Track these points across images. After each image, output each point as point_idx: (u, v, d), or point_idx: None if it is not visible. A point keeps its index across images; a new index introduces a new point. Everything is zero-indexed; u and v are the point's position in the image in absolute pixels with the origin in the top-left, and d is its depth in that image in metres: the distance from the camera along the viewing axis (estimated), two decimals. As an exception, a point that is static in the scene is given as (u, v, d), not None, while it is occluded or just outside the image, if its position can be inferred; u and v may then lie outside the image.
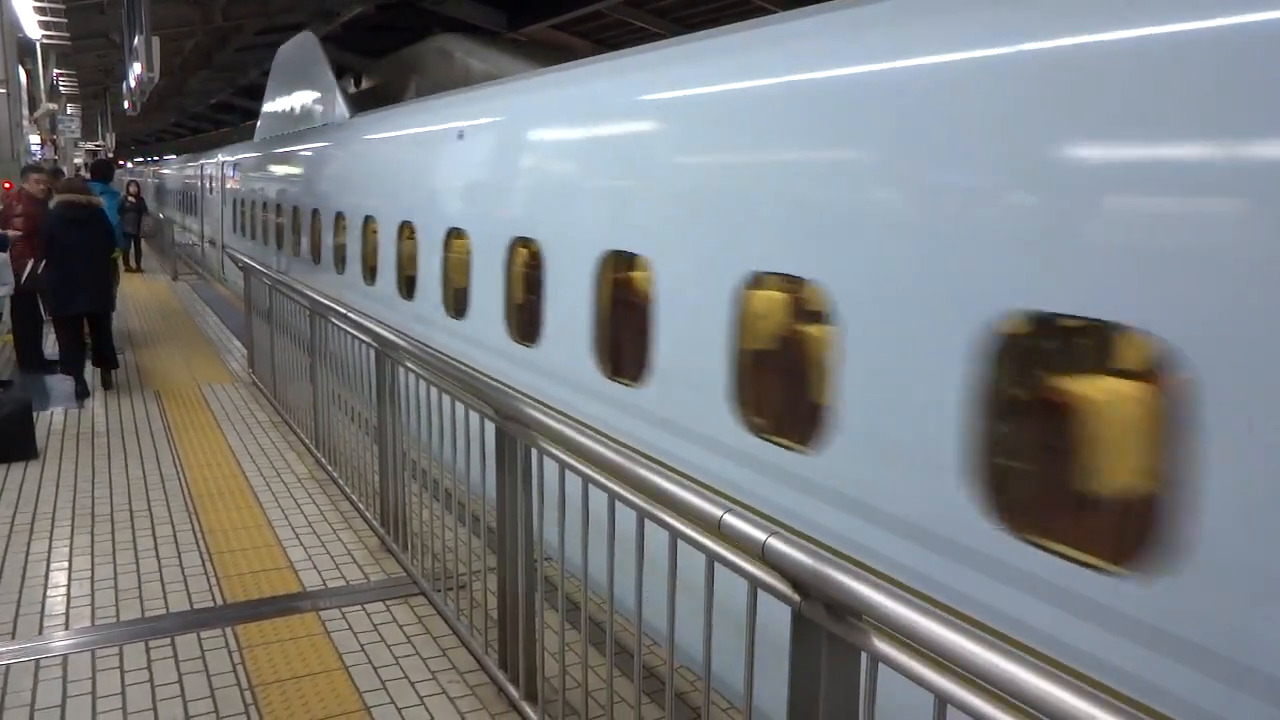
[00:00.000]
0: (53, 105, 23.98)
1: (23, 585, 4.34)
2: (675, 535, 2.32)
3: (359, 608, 4.17)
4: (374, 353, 4.67)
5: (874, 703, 1.75)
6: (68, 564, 4.59)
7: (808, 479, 3.64)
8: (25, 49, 16.50)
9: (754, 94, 4.15)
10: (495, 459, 3.33)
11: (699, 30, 5.70)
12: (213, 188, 20.61)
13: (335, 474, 5.77)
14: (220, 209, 19.18)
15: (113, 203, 12.21)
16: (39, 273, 8.31)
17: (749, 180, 4.11)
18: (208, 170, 21.72)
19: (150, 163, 51.02)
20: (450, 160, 7.43)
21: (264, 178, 14.74)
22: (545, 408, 3.04)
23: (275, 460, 6.38)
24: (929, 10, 3.45)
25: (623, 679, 3.39)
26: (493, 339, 6.22)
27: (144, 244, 20.76)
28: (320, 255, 10.82)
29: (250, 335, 8.86)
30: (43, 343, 9.32)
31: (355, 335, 5.05)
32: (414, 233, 7.74)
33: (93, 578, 4.44)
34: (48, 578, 4.43)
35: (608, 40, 15.55)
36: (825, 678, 1.85)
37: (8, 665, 3.62)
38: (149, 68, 10.09)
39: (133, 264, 19.06)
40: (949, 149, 3.16)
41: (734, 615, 2.13)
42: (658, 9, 13.31)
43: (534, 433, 3.05)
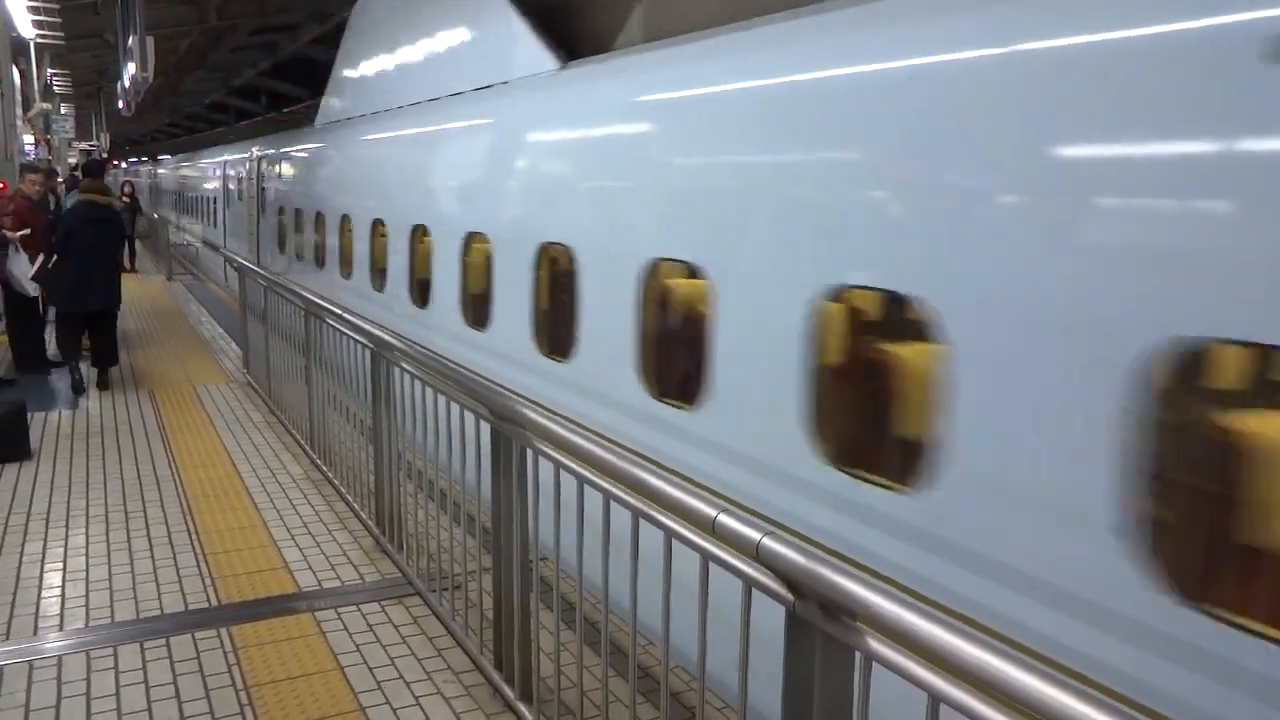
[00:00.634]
0: (47, 105, 23.95)
1: (17, 586, 4.34)
2: (670, 535, 2.32)
3: (354, 608, 4.17)
4: (369, 353, 4.67)
5: (868, 702, 1.76)
6: (62, 565, 4.59)
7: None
8: (19, 48, 16.46)
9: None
10: (490, 459, 3.33)
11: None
12: (241, 192, 16.12)
13: (330, 474, 5.77)
14: (255, 221, 14.70)
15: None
16: (48, 268, 8.35)
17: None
18: (233, 170, 17.09)
19: (143, 162, 48.39)
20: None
21: (349, 178, 10.04)
22: (541, 408, 3.04)
23: (270, 461, 6.37)
24: None
25: (618, 679, 3.39)
26: None
27: (138, 244, 20.72)
28: (502, 314, 6.06)
29: (245, 336, 8.84)
30: (45, 341, 9.32)
31: (350, 335, 5.04)
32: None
33: (87, 578, 4.43)
34: (42, 578, 4.43)
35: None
36: (819, 677, 1.85)
37: (2, 666, 3.62)
38: (143, 68, 10.07)
39: (127, 264, 19.04)
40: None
41: (729, 615, 2.14)
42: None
43: (529, 433, 3.05)
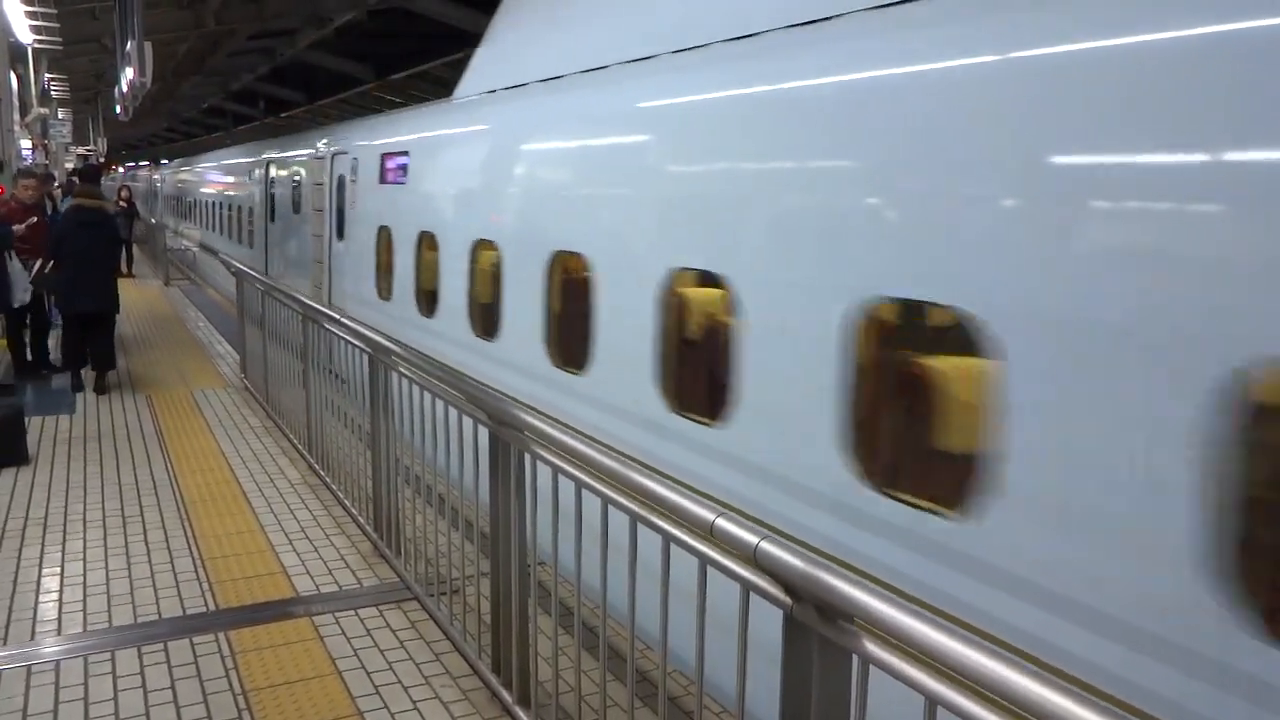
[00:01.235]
0: (44, 110, 23.91)
1: (14, 591, 4.34)
2: (668, 539, 2.33)
3: (352, 613, 4.17)
4: (367, 358, 4.67)
5: (865, 705, 1.76)
6: (60, 569, 4.59)
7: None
8: (17, 53, 16.46)
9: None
10: (489, 464, 3.34)
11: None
12: (300, 202, 11.74)
13: (328, 479, 5.77)
14: (327, 245, 10.20)
15: None
16: (45, 273, 8.36)
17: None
18: (283, 171, 12.72)
19: (143, 167, 46.69)
20: None
21: (519, 175, 6.43)
22: (539, 413, 3.05)
23: (268, 465, 6.37)
24: None
25: (616, 683, 3.40)
26: None
27: (135, 249, 20.69)
28: None
29: (243, 340, 8.84)
30: (48, 346, 9.32)
31: (348, 340, 5.04)
32: None
33: (85, 583, 4.43)
34: (40, 583, 4.43)
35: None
36: (817, 680, 1.86)
37: (0, 671, 3.62)
38: (141, 73, 10.06)
39: (124, 269, 19.02)
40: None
41: (727, 620, 2.14)
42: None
43: (527, 437, 3.06)
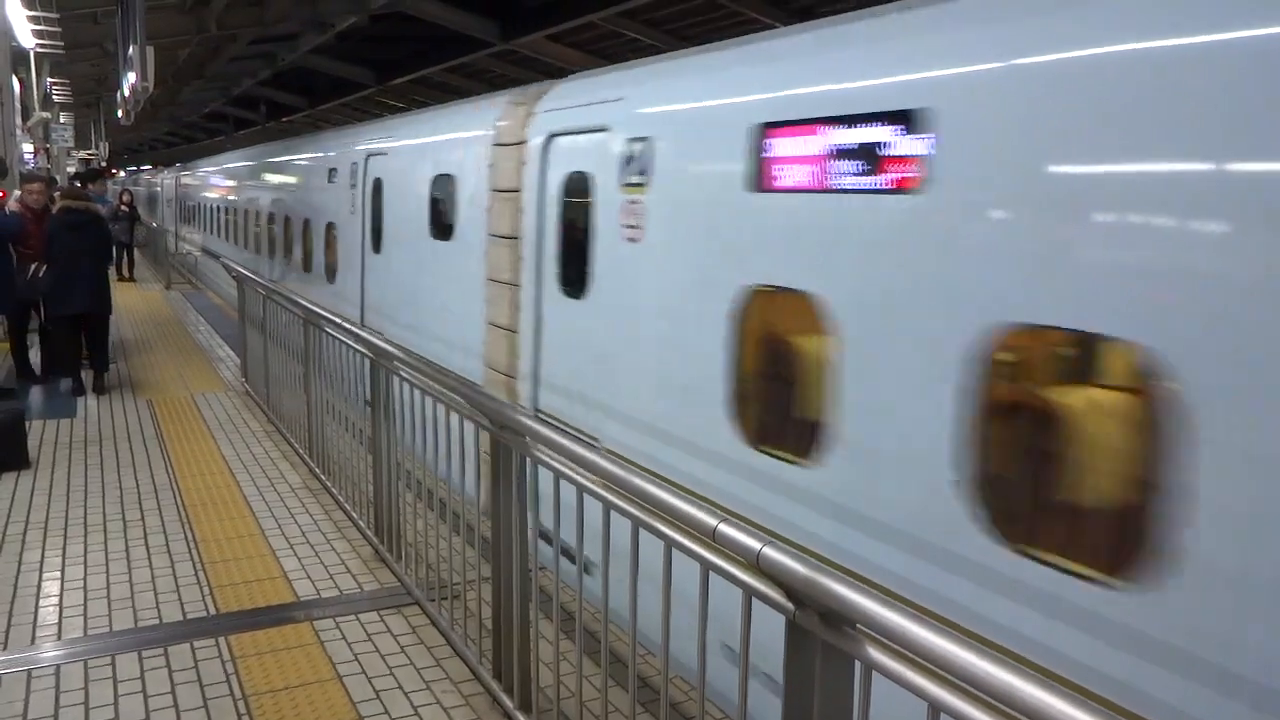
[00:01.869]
0: (46, 114, 23.94)
1: (15, 595, 4.33)
2: (670, 544, 2.33)
3: (353, 617, 4.16)
4: (368, 362, 4.68)
5: (868, 711, 1.76)
6: (60, 574, 4.58)
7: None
8: (19, 58, 16.49)
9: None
10: (490, 468, 3.34)
11: (689, 43, 4.64)
12: (444, 217, 7.49)
13: (329, 484, 5.77)
14: (536, 292, 5.91)
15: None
16: (39, 276, 8.36)
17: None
18: (409, 163, 8.34)
19: (146, 170, 44.52)
20: None
21: None
22: (540, 417, 3.04)
23: (269, 470, 6.37)
24: None
25: (617, 689, 3.39)
26: None
27: (136, 253, 20.71)
28: None
29: (244, 344, 8.85)
30: (28, 353, 9.27)
31: (349, 345, 5.05)
32: None
33: (85, 587, 4.42)
34: (40, 588, 4.42)
35: (601, 51, 15.61)
36: (819, 686, 1.86)
37: (0, 675, 3.61)
38: (143, 77, 10.05)
39: (125, 273, 19.03)
40: None
41: (729, 625, 2.14)
42: (651, 20, 13.36)
43: (529, 442, 3.06)
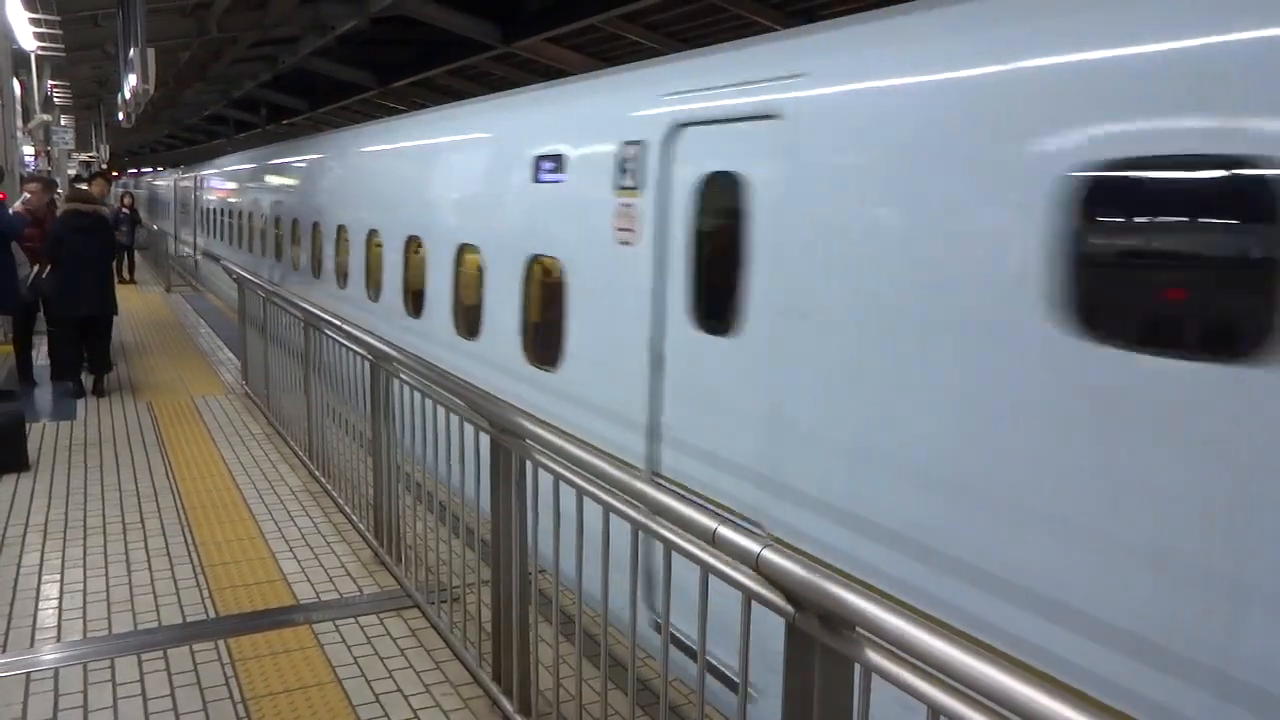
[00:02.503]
0: (47, 116, 23.95)
1: (14, 597, 4.33)
2: (670, 547, 2.32)
3: (352, 620, 4.16)
4: (369, 365, 4.68)
5: (868, 714, 1.76)
6: (59, 576, 4.58)
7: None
8: (20, 60, 16.50)
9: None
10: (490, 471, 3.34)
11: (692, 45, 4.77)
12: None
13: (329, 486, 5.76)
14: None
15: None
16: (42, 278, 8.38)
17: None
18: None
19: (147, 172, 42.86)
20: None
21: None
22: (540, 420, 3.05)
23: (269, 472, 6.36)
24: None
25: (617, 692, 3.39)
26: None
27: (137, 255, 20.72)
28: None
29: (244, 347, 8.85)
30: (32, 354, 9.29)
31: (350, 347, 5.05)
32: None
33: (85, 590, 4.42)
34: (39, 590, 4.42)
35: (601, 54, 15.63)
36: (819, 689, 1.86)
37: (-1, 678, 3.61)
38: (144, 80, 10.07)
39: (126, 275, 19.04)
40: None
41: (729, 628, 2.14)
42: (651, 24, 13.39)
43: (529, 445, 3.06)
